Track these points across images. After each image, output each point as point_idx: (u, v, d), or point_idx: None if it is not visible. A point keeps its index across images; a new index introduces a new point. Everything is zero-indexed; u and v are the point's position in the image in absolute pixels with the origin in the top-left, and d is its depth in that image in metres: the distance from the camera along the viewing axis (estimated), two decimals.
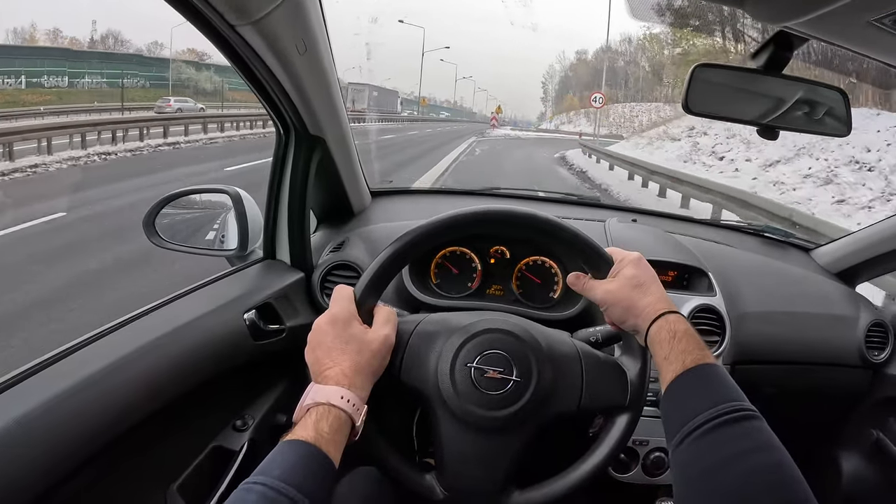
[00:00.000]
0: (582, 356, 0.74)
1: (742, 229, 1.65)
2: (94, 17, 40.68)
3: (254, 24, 0.70)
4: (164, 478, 0.83)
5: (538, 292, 1.18)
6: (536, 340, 0.73)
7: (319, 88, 0.92)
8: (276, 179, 1.04)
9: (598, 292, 0.73)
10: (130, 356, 0.75)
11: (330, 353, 0.66)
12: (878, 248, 1.34)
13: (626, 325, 0.72)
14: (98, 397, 0.69)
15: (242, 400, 0.99)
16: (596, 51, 75.62)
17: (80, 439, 0.65)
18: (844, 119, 0.94)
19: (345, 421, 0.62)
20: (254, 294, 0.98)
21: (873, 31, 0.62)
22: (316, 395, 0.62)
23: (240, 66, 0.81)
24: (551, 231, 0.76)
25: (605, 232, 1.27)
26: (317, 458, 0.57)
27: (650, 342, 0.68)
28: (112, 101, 23.67)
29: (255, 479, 0.54)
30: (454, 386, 0.70)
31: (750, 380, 1.19)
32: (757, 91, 0.91)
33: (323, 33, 0.84)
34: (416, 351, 0.73)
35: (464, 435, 0.70)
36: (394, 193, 1.50)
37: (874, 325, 1.30)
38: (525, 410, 0.69)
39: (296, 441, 0.58)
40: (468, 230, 0.79)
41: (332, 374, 0.64)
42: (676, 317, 0.68)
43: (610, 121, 62.05)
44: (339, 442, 0.60)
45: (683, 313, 1.10)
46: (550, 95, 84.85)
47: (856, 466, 1.39)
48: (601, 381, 0.74)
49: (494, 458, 0.71)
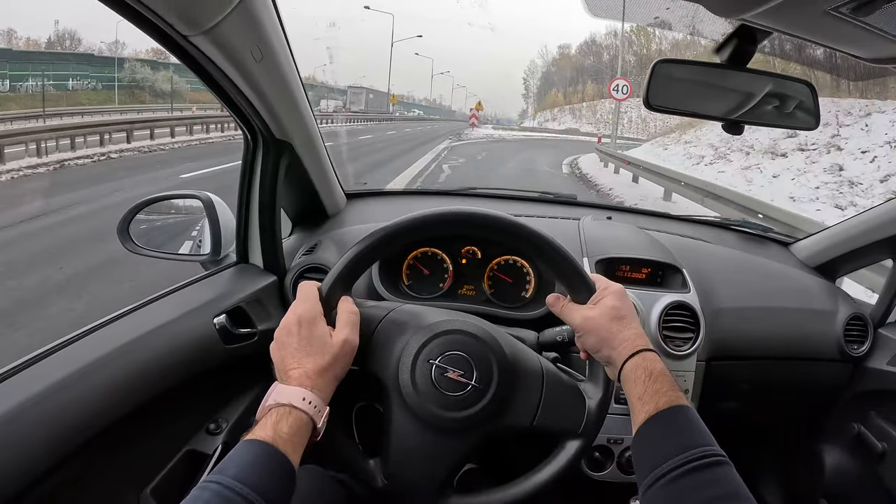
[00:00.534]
0: (545, 374, 0.74)
1: (720, 225, 1.65)
2: (56, 16, 37.66)
3: (205, 33, 0.70)
4: (138, 482, 0.84)
5: (510, 292, 1.17)
6: (502, 349, 0.73)
7: (281, 94, 0.92)
8: (245, 184, 1.04)
9: (577, 317, 0.73)
10: (98, 362, 0.76)
11: (295, 354, 0.66)
12: (857, 242, 1.34)
13: (599, 354, 0.72)
14: (65, 403, 0.70)
15: (216, 403, 0.99)
16: (580, 45, 74.94)
17: (48, 445, 0.66)
18: (813, 111, 0.94)
19: (305, 422, 0.62)
20: (225, 298, 0.98)
21: (831, 20, 0.61)
22: (278, 396, 0.63)
23: (200, 74, 0.81)
24: (537, 245, 0.75)
25: (579, 230, 1.26)
26: (274, 457, 0.58)
27: (624, 378, 0.68)
28: (58, 105, 21.68)
29: (211, 477, 0.55)
30: (413, 380, 0.70)
31: (727, 376, 1.20)
32: (724, 86, 0.91)
33: (280, 39, 0.84)
34: (383, 338, 0.74)
35: (415, 429, 0.70)
36: (369, 195, 1.49)
37: (853, 318, 1.30)
38: (478, 417, 0.69)
39: (253, 441, 0.58)
40: (447, 230, 0.78)
41: (295, 374, 0.65)
42: (653, 355, 0.69)
43: (597, 117, 60.28)
44: (297, 443, 0.61)
45: (657, 310, 1.10)
46: (532, 92, 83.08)
47: (838, 460, 1.39)
48: (559, 403, 0.73)
49: (440, 457, 0.71)
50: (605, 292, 0.74)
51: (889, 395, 1.27)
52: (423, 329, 0.73)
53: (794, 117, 0.95)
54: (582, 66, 71.59)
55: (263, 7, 0.77)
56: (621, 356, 0.68)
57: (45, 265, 4.37)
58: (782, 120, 0.96)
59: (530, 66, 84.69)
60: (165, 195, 1.15)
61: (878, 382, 1.28)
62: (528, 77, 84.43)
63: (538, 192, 1.64)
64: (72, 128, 11.50)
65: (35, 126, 11.98)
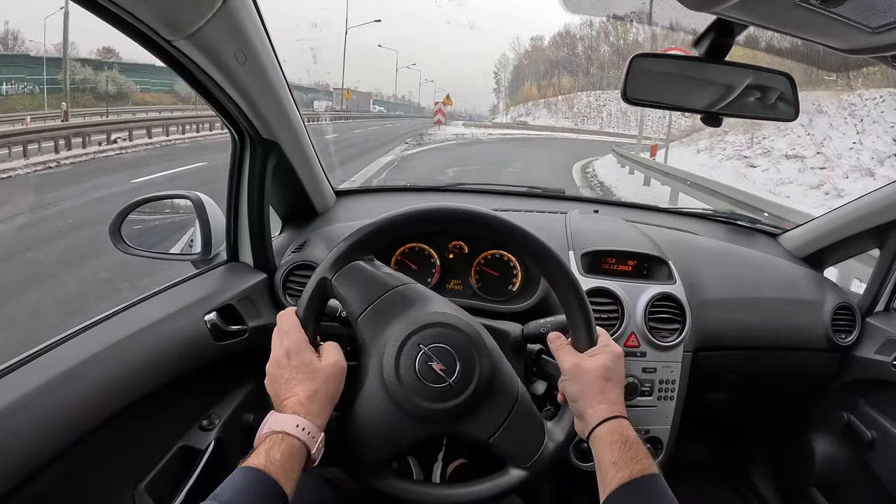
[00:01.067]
0: (519, 400, 0.75)
1: (708, 217, 1.66)
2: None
3: (188, 38, 0.71)
4: (132, 478, 0.85)
5: (497, 285, 1.19)
6: (490, 363, 0.73)
7: (267, 95, 0.93)
8: (234, 184, 1.05)
9: (569, 361, 0.74)
10: (89, 361, 0.77)
11: (287, 384, 0.69)
12: (844, 232, 1.35)
13: (575, 404, 0.73)
14: (58, 402, 0.71)
15: (208, 400, 1.01)
16: (553, 37, 71.36)
17: (41, 443, 0.67)
18: (792, 102, 0.95)
19: (298, 448, 0.64)
20: (215, 296, 0.99)
21: (802, 11, 0.62)
22: (273, 424, 0.65)
23: (185, 77, 0.82)
24: (566, 286, 0.77)
25: (566, 224, 1.27)
26: (266, 484, 0.59)
27: (596, 438, 0.69)
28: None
29: (206, 503, 0.57)
30: (398, 356, 0.71)
31: (714, 366, 1.21)
32: (703, 79, 0.92)
33: (263, 41, 0.85)
34: (386, 306, 0.74)
35: (383, 401, 0.71)
36: (358, 192, 1.50)
37: (840, 307, 1.31)
38: (443, 414, 0.70)
39: (247, 468, 0.60)
40: (465, 229, 0.79)
41: (289, 403, 0.67)
42: (627, 423, 0.69)
43: (574, 111, 57.06)
44: (290, 469, 0.62)
45: (643, 302, 1.12)
46: (504, 86, 78.46)
47: (828, 449, 1.40)
48: (521, 432, 0.74)
49: (393, 436, 0.72)
50: (605, 349, 0.75)
51: (877, 383, 1.28)
52: (427, 314, 0.74)
53: (774, 108, 0.97)
54: (556, 58, 68.31)
55: (245, 11, 0.77)
56: (598, 416, 0.69)
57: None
58: (763, 111, 0.97)
59: (501, 59, 79.91)
60: (156, 196, 1.16)
61: (866, 371, 1.29)
62: (500, 70, 79.79)
63: (526, 186, 1.65)
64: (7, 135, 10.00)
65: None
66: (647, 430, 1.15)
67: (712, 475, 1.70)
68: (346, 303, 0.75)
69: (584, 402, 0.71)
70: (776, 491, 1.58)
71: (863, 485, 1.31)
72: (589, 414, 0.70)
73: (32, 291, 4.05)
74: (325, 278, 0.75)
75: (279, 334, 0.73)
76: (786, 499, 1.55)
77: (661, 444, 1.17)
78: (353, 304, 0.74)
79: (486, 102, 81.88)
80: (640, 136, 18.87)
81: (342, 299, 0.75)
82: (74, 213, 6.44)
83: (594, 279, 1.14)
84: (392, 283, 0.76)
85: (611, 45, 60.06)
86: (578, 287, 0.77)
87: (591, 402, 0.70)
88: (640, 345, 1.13)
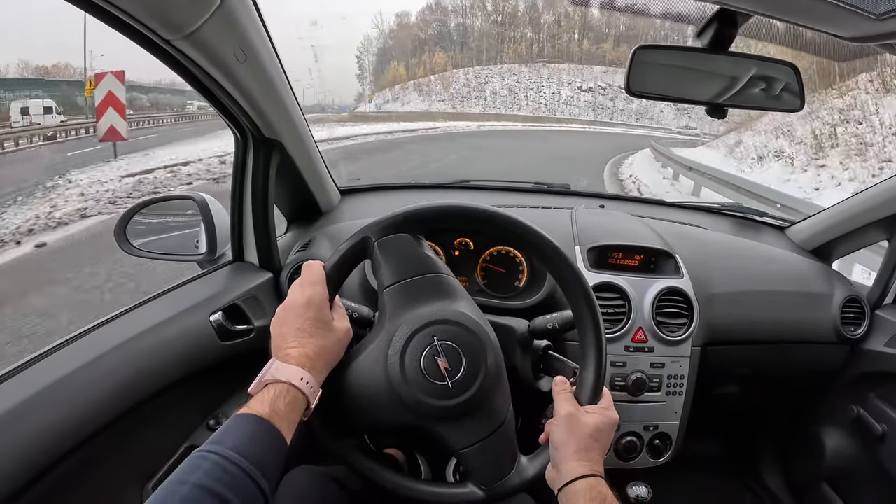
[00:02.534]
0: (504, 424, 0.74)
1: (715, 210, 1.65)
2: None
3: (187, 38, 0.71)
4: (140, 477, 0.86)
5: (503, 281, 1.18)
6: (496, 376, 0.73)
7: (268, 93, 0.92)
8: (238, 183, 1.05)
9: (567, 409, 0.73)
10: (96, 361, 0.78)
11: (297, 334, 0.67)
12: (853, 224, 1.33)
13: (557, 452, 0.71)
14: (66, 402, 0.72)
15: (215, 400, 1.01)
16: (420, 11, 63.58)
17: (50, 442, 0.68)
18: (798, 93, 0.94)
19: (301, 401, 0.63)
20: (221, 296, 1.00)
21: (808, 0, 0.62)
22: (277, 374, 0.64)
23: (185, 76, 0.81)
24: (588, 328, 0.76)
25: (572, 219, 1.27)
26: (270, 433, 0.59)
27: (572, 492, 0.67)
28: None
29: (209, 447, 0.55)
30: (408, 341, 0.70)
31: (724, 361, 1.20)
32: (708, 70, 0.91)
33: (263, 40, 0.85)
34: (414, 287, 0.74)
35: (376, 377, 0.71)
36: (363, 190, 1.50)
37: (849, 300, 1.29)
38: (429, 410, 0.70)
39: (251, 415, 0.59)
40: (531, 251, 0.78)
41: (294, 353, 0.66)
42: (605, 483, 0.68)
43: (451, 92, 50.68)
44: (292, 420, 0.62)
45: (650, 296, 1.11)
46: (368, 71, 67.34)
47: (838, 443, 1.39)
48: (494, 455, 0.73)
49: (372, 411, 0.71)
50: (604, 412, 0.74)
51: (887, 376, 1.27)
52: (453, 310, 0.73)
53: (780, 99, 0.96)
54: (426, 35, 61.41)
55: (244, 9, 0.77)
56: (577, 471, 0.68)
57: None
58: (768, 102, 0.96)
59: (364, 40, 67.53)
60: (160, 197, 1.17)
61: (875, 364, 1.28)
62: (363, 54, 66.05)
63: (532, 182, 1.65)
64: None
65: None
66: (655, 426, 1.15)
67: (722, 470, 1.69)
68: (380, 270, 0.74)
69: (566, 453, 0.70)
70: (786, 486, 1.57)
71: (873, 479, 1.30)
72: (568, 466, 0.69)
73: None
74: (369, 238, 0.74)
75: (303, 283, 0.71)
76: (796, 494, 1.54)
77: (670, 439, 1.16)
78: (386, 273, 0.73)
79: (352, 91, 69.50)
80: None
81: (377, 264, 0.74)
82: None
83: (601, 274, 1.13)
84: (433, 268, 0.75)
85: (487, 15, 55.40)
86: (602, 342, 0.75)
87: (573, 456, 0.69)
88: (648, 339, 1.12)
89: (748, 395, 1.36)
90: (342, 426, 0.73)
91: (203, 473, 0.52)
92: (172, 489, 0.51)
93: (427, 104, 50.39)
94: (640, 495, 1.03)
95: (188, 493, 0.51)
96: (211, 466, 0.53)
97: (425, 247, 0.77)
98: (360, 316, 0.83)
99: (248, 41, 0.81)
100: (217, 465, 0.53)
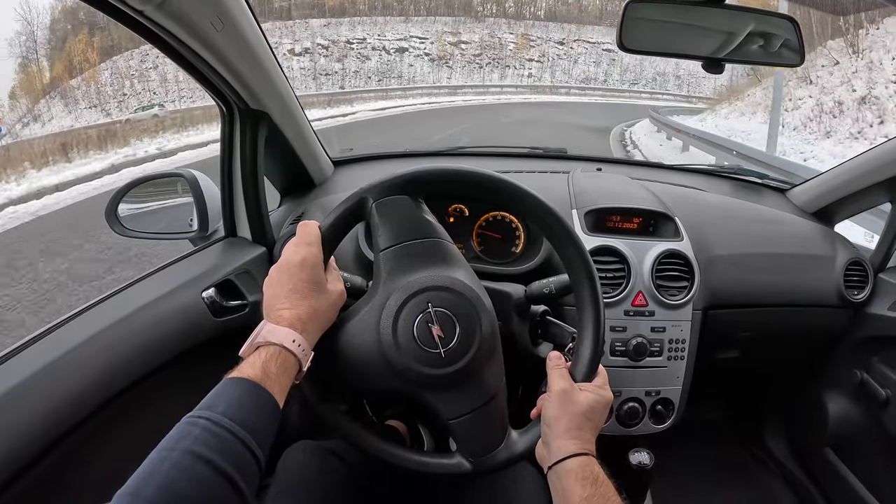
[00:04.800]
0: (496, 397, 0.72)
1: (714, 173, 1.62)
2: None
3: (160, 7, 0.68)
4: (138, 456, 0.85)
5: (499, 247, 1.17)
6: (490, 347, 0.71)
7: (249, 63, 0.90)
8: (226, 158, 1.04)
9: (560, 385, 0.70)
10: (88, 343, 0.77)
11: (290, 295, 0.65)
12: (854, 185, 1.31)
13: (548, 429, 0.69)
14: (60, 384, 0.72)
15: (211, 377, 1.00)
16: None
17: (45, 424, 0.68)
18: (797, 48, 0.92)
19: (293, 364, 0.62)
20: (213, 272, 0.99)
21: None
22: (268, 335, 0.62)
23: (162, 48, 0.79)
24: (587, 305, 0.74)
25: (569, 183, 1.25)
26: (262, 396, 0.57)
27: (564, 471, 0.65)
28: None
29: (199, 413, 0.54)
30: (403, 304, 0.68)
31: (725, 324, 1.19)
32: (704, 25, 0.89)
33: (241, 6, 0.82)
34: (415, 250, 0.72)
35: (366, 340, 0.69)
36: (356, 161, 1.48)
37: (852, 263, 1.28)
38: (418, 376, 0.68)
39: (241, 379, 0.58)
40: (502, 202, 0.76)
41: (286, 315, 0.64)
42: (597, 462, 0.66)
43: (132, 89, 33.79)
44: (284, 384, 0.61)
45: (649, 259, 1.10)
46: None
47: (842, 408, 1.38)
48: (483, 428, 0.71)
49: (361, 376, 0.70)
50: (598, 390, 0.71)
51: (891, 340, 1.25)
52: (450, 277, 0.71)
53: (779, 55, 0.94)
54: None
55: None
56: (568, 448, 0.66)
57: None
58: (767, 58, 0.95)
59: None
60: (149, 176, 1.15)
61: (879, 328, 1.27)
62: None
63: (528, 147, 1.62)
64: None
65: None
66: (657, 392, 1.14)
67: (725, 436, 1.69)
68: (377, 232, 0.72)
69: (557, 430, 0.68)
70: (790, 452, 1.57)
71: (878, 444, 1.29)
72: (559, 444, 0.67)
73: None
74: (367, 198, 0.72)
75: (297, 243, 0.69)
76: (800, 459, 1.54)
77: (673, 405, 1.15)
78: (383, 236, 0.71)
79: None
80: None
81: (374, 226, 0.72)
82: None
83: (599, 237, 1.11)
84: (432, 232, 0.73)
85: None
86: (600, 310, 0.74)
87: (565, 434, 0.67)
88: (648, 304, 1.11)
89: (750, 359, 1.35)
90: (332, 390, 0.72)
91: (193, 440, 0.51)
92: (162, 456, 0.50)
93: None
94: (643, 461, 1.02)
95: (178, 459, 0.49)
96: (201, 432, 0.52)
97: (425, 210, 0.75)
98: (354, 286, 0.81)
99: (224, 9, 0.78)
100: (207, 431, 0.52)
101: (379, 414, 1.28)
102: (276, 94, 1.01)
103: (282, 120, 1.06)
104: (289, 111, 1.07)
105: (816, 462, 1.47)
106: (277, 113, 1.03)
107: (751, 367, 1.42)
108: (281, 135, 1.09)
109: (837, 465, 1.39)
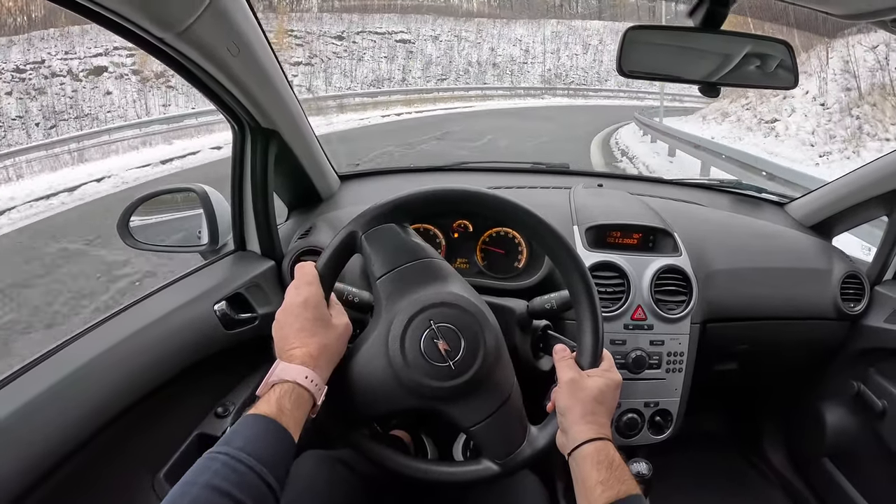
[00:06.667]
0: (511, 396, 0.74)
1: (713, 188, 1.64)
2: None
3: (179, 35, 0.71)
4: (151, 466, 0.88)
5: (502, 263, 1.19)
6: (495, 354, 0.73)
7: (262, 84, 0.93)
8: (237, 174, 1.07)
9: (568, 375, 0.74)
10: (103, 356, 0.79)
11: (299, 334, 0.69)
12: (852, 199, 1.33)
13: (562, 417, 0.72)
14: (77, 395, 0.74)
15: (222, 388, 1.03)
16: None
17: (63, 434, 0.70)
18: (792, 70, 0.94)
19: (307, 399, 0.65)
20: (224, 285, 1.01)
21: None
22: (282, 374, 0.65)
23: (179, 71, 0.82)
24: (582, 298, 0.77)
25: (570, 199, 1.27)
26: (277, 432, 0.60)
27: (581, 456, 0.68)
28: None
29: (218, 448, 0.57)
30: (408, 324, 0.71)
31: (723, 338, 1.21)
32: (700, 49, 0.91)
33: (255, 31, 0.85)
34: (415, 272, 0.75)
35: (378, 365, 0.72)
36: (362, 175, 1.50)
37: (848, 276, 1.30)
38: (431, 391, 0.70)
39: (258, 416, 0.61)
40: (523, 231, 0.79)
41: (298, 353, 0.67)
42: (613, 446, 0.69)
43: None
44: (299, 418, 0.64)
45: (649, 274, 1.12)
46: None
47: (839, 418, 1.40)
48: (504, 429, 0.74)
49: (379, 400, 0.72)
50: (605, 374, 0.75)
51: (887, 352, 1.27)
52: (447, 292, 0.74)
53: (774, 77, 0.96)
54: None
55: (234, 3, 0.77)
56: (584, 434, 0.69)
57: None
58: (763, 80, 0.96)
59: None
60: (161, 190, 1.17)
61: (876, 340, 1.29)
62: None
63: (530, 163, 1.65)
64: None
65: None
66: (656, 403, 1.16)
67: (723, 446, 1.71)
68: (371, 261, 0.75)
69: (572, 418, 0.71)
70: (788, 461, 1.58)
71: (875, 454, 1.31)
72: (575, 431, 0.70)
73: None
74: (356, 232, 0.75)
75: (297, 285, 0.72)
76: (798, 468, 1.56)
77: (671, 416, 1.17)
78: (376, 264, 0.75)
79: None
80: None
81: (367, 257, 0.75)
82: None
83: (599, 253, 1.14)
84: (421, 253, 0.76)
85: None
86: (596, 306, 0.76)
87: (580, 420, 0.70)
88: (647, 317, 1.13)
89: (748, 371, 1.37)
90: (352, 418, 0.74)
91: (213, 474, 0.54)
92: (183, 490, 0.53)
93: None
94: (642, 472, 1.04)
95: (198, 493, 0.52)
96: (220, 467, 0.55)
97: (412, 234, 0.78)
98: (363, 301, 0.84)
99: (240, 34, 0.81)
100: (226, 466, 0.55)
101: (383, 426, 1.30)
102: (287, 114, 1.04)
103: (291, 137, 1.09)
104: (298, 129, 1.10)
105: (814, 471, 1.48)
106: (287, 131, 1.06)
107: (749, 379, 1.44)
108: (290, 151, 1.12)
109: (835, 474, 1.41)
